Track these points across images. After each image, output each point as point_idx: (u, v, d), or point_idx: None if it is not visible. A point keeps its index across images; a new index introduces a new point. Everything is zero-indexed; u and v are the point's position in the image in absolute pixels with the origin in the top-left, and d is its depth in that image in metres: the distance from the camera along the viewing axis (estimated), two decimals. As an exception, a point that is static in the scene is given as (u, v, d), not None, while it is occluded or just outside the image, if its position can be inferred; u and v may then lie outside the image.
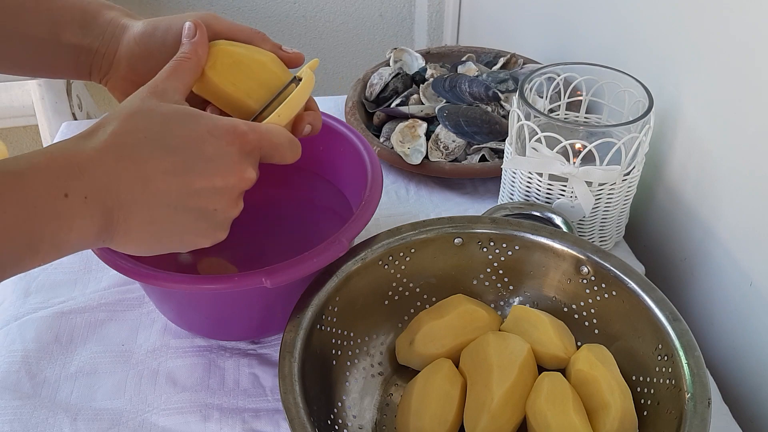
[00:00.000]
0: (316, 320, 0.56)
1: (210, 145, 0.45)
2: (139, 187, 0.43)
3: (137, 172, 0.43)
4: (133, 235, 0.45)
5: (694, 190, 0.73)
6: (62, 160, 0.41)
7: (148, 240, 0.46)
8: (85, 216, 0.41)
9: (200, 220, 0.47)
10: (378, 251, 0.60)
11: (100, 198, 0.42)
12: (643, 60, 0.79)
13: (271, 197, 0.76)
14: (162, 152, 0.44)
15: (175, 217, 0.45)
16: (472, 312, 0.61)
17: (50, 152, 0.41)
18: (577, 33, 0.97)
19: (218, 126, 0.46)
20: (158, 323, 0.67)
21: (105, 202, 0.42)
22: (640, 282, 0.57)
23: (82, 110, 1.46)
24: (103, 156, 0.42)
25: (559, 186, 0.69)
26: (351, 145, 0.68)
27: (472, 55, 0.99)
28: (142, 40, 0.55)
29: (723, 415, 0.62)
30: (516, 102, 0.70)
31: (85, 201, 0.41)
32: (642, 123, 0.66)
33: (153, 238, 0.46)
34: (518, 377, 0.55)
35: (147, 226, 0.45)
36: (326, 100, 0.99)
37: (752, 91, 0.63)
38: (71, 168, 0.41)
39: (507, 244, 0.63)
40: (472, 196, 0.84)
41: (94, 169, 0.42)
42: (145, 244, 0.46)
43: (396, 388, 0.61)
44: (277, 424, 0.59)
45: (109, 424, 0.59)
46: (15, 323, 0.67)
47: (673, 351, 0.52)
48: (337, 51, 1.78)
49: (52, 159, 0.41)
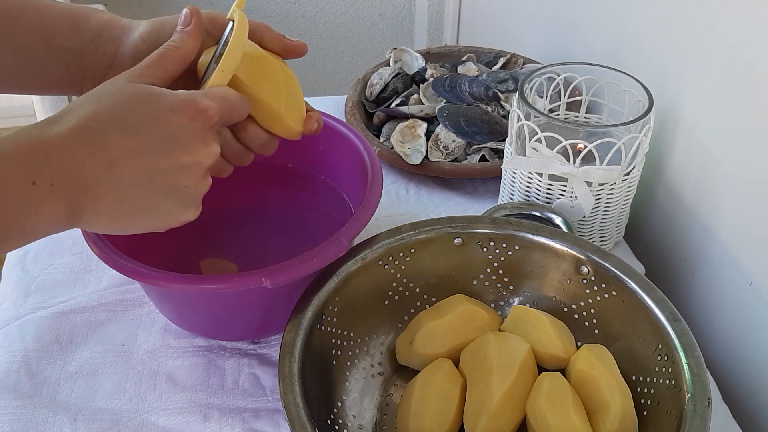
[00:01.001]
0: (316, 320, 0.56)
1: (173, 123, 0.46)
2: (104, 170, 0.44)
3: (101, 155, 0.43)
4: (103, 216, 0.45)
5: (694, 190, 0.73)
6: (28, 147, 0.42)
7: (120, 219, 0.46)
8: (53, 202, 0.42)
9: (170, 197, 0.47)
10: (378, 251, 0.60)
11: (66, 183, 0.42)
12: (643, 60, 0.79)
13: (271, 197, 0.76)
14: (125, 134, 0.44)
15: (144, 196, 0.46)
16: (472, 312, 0.61)
17: (18, 139, 0.42)
18: (577, 33, 0.97)
19: (179, 102, 0.46)
20: (158, 323, 0.67)
21: (71, 187, 0.43)
22: (640, 282, 0.57)
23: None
24: (67, 142, 0.43)
25: (559, 186, 0.69)
26: (351, 145, 0.68)
27: (472, 55, 0.99)
28: (149, 37, 0.55)
29: (723, 415, 0.62)
30: (516, 102, 0.70)
31: (52, 187, 0.42)
32: (642, 123, 0.66)
33: (125, 218, 0.46)
34: (518, 377, 0.55)
35: (116, 206, 0.45)
36: (326, 100, 0.99)
37: (752, 91, 0.63)
38: (37, 155, 0.41)
39: (507, 244, 0.63)
40: (472, 196, 0.84)
41: (59, 155, 0.42)
42: (117, 223, 0.46)
43: (396, 388, 0.61)
44: (277, 424, 0.59)
45: (109, 424, 0.59)
46: (15, 323, 0.67)
47: (673, 351, 0.52)
48: (337, 51, 1.78)
49: (19, 147, 0.41)
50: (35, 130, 0.43)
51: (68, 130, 0.43)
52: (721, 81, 0.67)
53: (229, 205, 0.73)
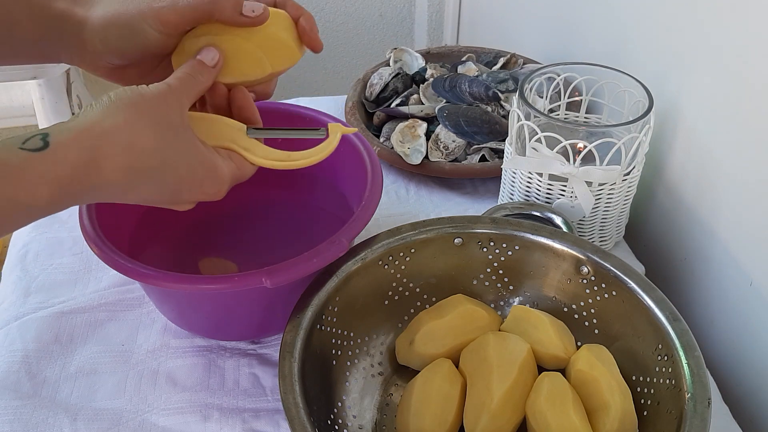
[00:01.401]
0: (316, 320, 0.56)
1: (205, 185, 0.48)
2: (120, 194, 0.45)
3: (122, 189, 0.45)
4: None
5: (694, 190, 0.73)
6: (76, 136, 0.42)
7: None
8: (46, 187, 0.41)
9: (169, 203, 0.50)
10: (378, 251, 0.60)
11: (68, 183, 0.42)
12: (643, 60, 0.79)
13: (272, 197, 0.76)
14: (157, 187, 0.46)
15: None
16: (472, 312, 0.61)
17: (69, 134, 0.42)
18: (577, 33, 0.97)
19: (218, 176, 0.48)
20: (158, 323, 0.67)
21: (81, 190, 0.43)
22: (640, 282, 0.57)
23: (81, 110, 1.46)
24: (107, 177, 0.43)
25: (559, 186, 0.69)
26: (351, 145, 0.68)
27: (472, 55, 0.99)
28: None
29: (723, 415, 0.62)
30: (516, 102, 0.70)
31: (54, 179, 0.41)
32: (642, 123, 0.66)
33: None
34: (518, 377, 0.55)
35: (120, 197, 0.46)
36: (326, 100, 0.99)
37: (752, 91, 0.63)
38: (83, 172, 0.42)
39: (507, 244, 0.63)
40: (472, 196, 0.84)
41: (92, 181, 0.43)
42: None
43: (396, 388, 0.61)
44: (277, 424, 0.59)
45: (109, 424, 0.59)
46: (15, 323, 0.67)
47: (673, 351, 0.52)
48: (337, 51, 1.78)
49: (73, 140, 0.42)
50: (86, 142, 0.42)
51: (112, 171, 0.43)
52: (721, 81, 0.67)
53: (229, 204, 0.73)
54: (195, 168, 0.47)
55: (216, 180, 0.48)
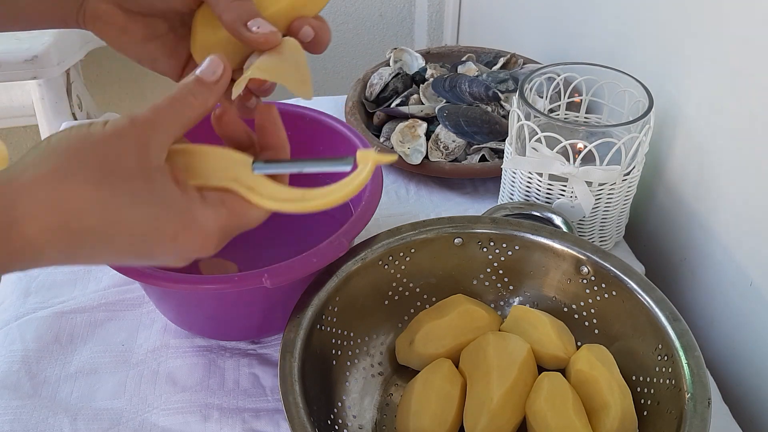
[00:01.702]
0: (316, 320, 0.56)
1: (180, 240, 0.39)
2: (64, 258, 0.38)
3: (64, 253, 0.37)
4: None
5: (694, 190, 0.73)
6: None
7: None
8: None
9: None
10: (378, 251, 0.60)
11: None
12: (643, 60, 0.79)
13: (271, 197, 0.76)
14: (110, 247, 0.38)
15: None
16: (472, 312, 0.61)
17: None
18: (577, 33, 0.97)
19: (197, 229, 0.40)
20: (158, 323, 0.67)
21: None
22: (640, 282, 0.57)
23: (82, 110, 1.46)
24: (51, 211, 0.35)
25: (559, 186, 0.69)
26: (351, 145, 0.68)
27: (472, 55, 0.99)
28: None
29: (723, 415, 0.62)
30: (516, 102, 0.70)
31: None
32: (642, 123, 0.66)
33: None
34: (518, 377, 0.55)
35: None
36: (326, 100, 0.99)
37: (752, 91, 0.63)
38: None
39: (507, 244, 0.63)
40: (472, 196, 0.84)
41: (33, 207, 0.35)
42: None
43: (396, 388, 0.61)
44: (277, 424, 0.59)
45: (109, 424, 0.59)
46: (15, 323, 0.67)
47: (673, 351, 0.52)
48: (337, 51, 1.78)
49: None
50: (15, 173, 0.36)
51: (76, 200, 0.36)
52: (720, 81, 0.67)
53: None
54: (161, 222, 0.38)
55: (195, 234, 0.39)
